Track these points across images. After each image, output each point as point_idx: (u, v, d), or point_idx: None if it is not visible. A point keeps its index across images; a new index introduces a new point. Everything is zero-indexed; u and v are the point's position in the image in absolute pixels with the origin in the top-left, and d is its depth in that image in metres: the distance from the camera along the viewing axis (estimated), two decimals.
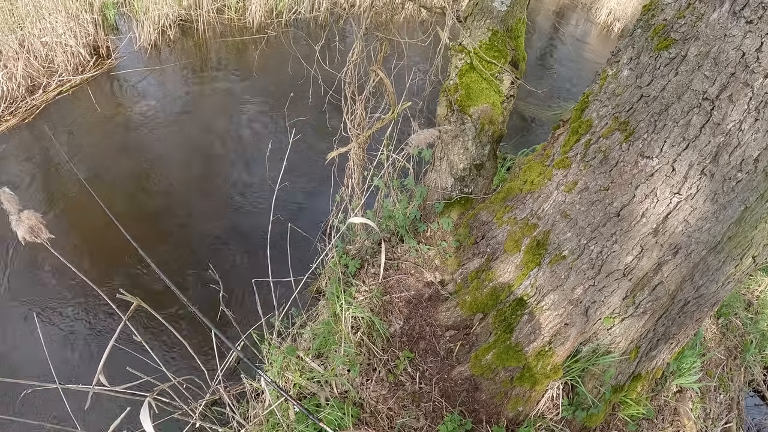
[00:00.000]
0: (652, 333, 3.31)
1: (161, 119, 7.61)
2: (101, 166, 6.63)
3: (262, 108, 7.81)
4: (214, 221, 5.84)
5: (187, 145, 7.09)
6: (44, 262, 5.19)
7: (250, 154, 6.81)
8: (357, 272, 4.02)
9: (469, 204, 4.15)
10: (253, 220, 5.76)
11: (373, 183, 4.12)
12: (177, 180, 6.46)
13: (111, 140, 7.20)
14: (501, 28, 3.77)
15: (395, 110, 4.14)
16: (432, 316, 3.71)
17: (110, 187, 6.35)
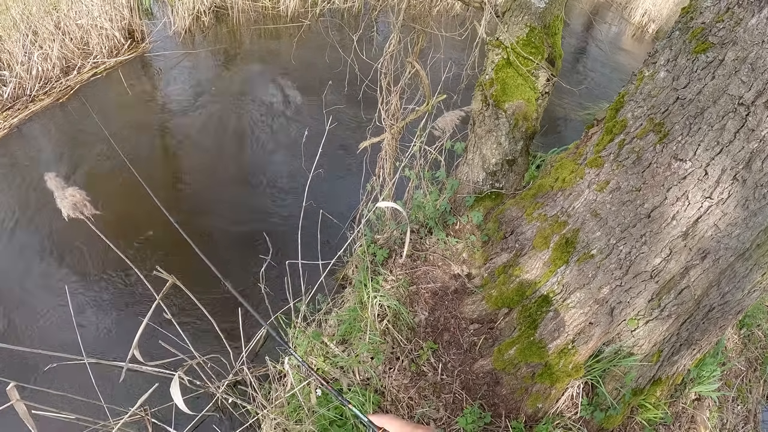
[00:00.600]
0: (676, 337, 3.34)
1: (194, 103, 7.73)
2: (133, 147, 6.76)
3: (297, 95, 7.89)
4: (245, 204, 5.95)
5: (219, 129, 7.20)
6: (78, 239, 5.33)
7: (284, 141, 6.90)
8: (385, 261, 4.08)
9: (500, 199, 4.18)
10: (285, 204, 5.86)
11: (405, 174, 4.18)
12: (208, 163, 6.57)
13: (143, 122, 7.33)
14: (539, 25, 3.79)
15: (430, 102, 4.19)
16: (457, 309, 3.76)
17: (142, 168, 6.48)
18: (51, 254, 5.24)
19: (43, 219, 5.62)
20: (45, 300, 4.84)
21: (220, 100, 7.81)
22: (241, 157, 6.69)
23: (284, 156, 6.62)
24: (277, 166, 6.47)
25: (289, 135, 6.96)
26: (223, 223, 5.63)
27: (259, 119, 7.37)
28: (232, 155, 6.72)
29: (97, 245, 5.29)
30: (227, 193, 6.09)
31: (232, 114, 7.50)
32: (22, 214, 5.78)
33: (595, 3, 12.83)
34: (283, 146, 6.80)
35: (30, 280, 5.03)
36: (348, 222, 4.61)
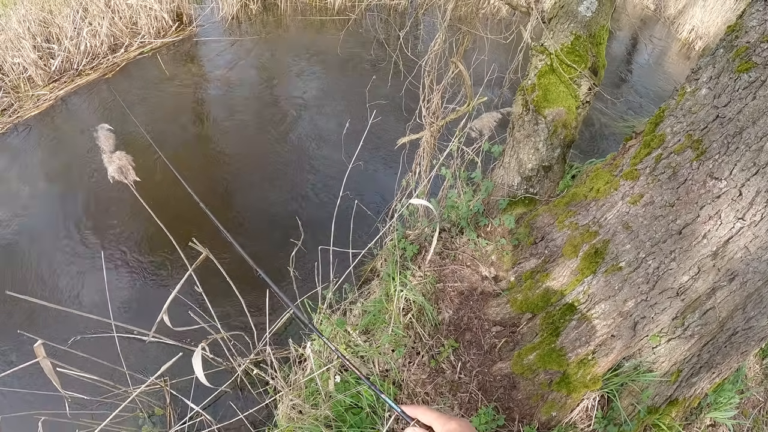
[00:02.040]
0: (696, 358, 3.35)
1: (237, 89, 7.91)
2: (173, 126, 6.95)
3: (341, 87, 8.02)
4: (282, 188, 6.09)
5: (261, 115, 7.36)
6: (118, 207, 5.51)
7: (326, 131, 7.04)
8: (414, 257, 4.16)
9: (533, 204, 4.23)
10: (322, 192, 6.01)
11: (441, 172, 4.26)
12: (248, 146, 6.74)
13: (185, 103, 7.52)
14: (584, 33, 3.84)
15: (471, 103, 4.26)
16: (481, 310, 3.82)
17: (180, 148, 6.66)
18: (90, 218, 5.43)
19: (85, 185, 5.82)
20: (80, 262, 5.03)
21: (263, 87, 7.97)
22: (282, 143, 6.85)
23: (325, 145, 6.76)
24: (318, 155, 6.62)
25: (331, 126, 7.09)
26: (260, 204, 5.80)
27: (301, 109, 7.51)
28: (273, 140, 6.88)
29: (134, 214, 5.47)
30: (266, 177, 6.25)
31: (274, 101, 7.66)
32: (65, 179, 5.99)
33: (643, 15, 12.76)
34: (324, 136, 6.93)
35: (68, 242, 5.23)
36: (381, 215, 4.70)
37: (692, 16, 11.93)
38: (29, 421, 3.04)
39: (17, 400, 3.35)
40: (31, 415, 3.05)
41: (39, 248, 5.33)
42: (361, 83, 7.50)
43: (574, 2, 3.87)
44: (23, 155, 6.59)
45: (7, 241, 5.40)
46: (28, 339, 2.84)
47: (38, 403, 3.21)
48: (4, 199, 5.94)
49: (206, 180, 6.31)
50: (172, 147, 6.74)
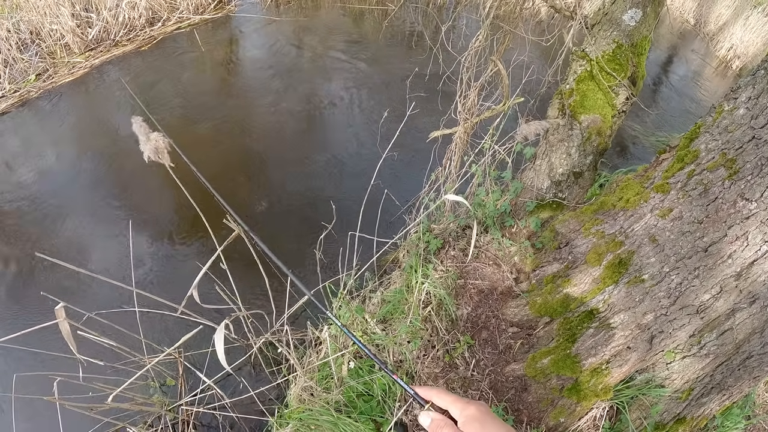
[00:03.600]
0: (709, 378, 3.38)
1: (273, 69, 8.03)
2: (206, 102, 7.09)
3: (380, 76, 8.10)
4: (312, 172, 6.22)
5: (296, 97, 7.47)
6: (145, 178, 5.66)
7: (361, 118, 7.15)
8: (437, 251, 4.24)
9: (560, 209, 4.28)
10: (352, 178, 6.15)
11: (471, 169, 4.34)
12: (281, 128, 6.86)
13: (220, 80, 7.66)
14: (626, 43, 3.89)
15: (507, 103, 4.33)
16: (500, 310, 3.90)
17: (212, 123, 6.80)
18: (116, 187, 5.59)
19: (113, 154, 5.98)
20: (105, 228, 5.18)
21: (300, 69, 8.08)
22: (315, 126, 6.98)
23: (360, 133, 6.87)
24: (351, 141, 6.74)
25: (367, 114, 7.19)
26: (290, 184, 5.93)
27: (337, 94, 7.62)
28: (307, 123, 7.00)
29: (163, 186, 5.62)
30: (297, 158, 6.38)
31: (310, 84, 7.77)
32: (93, 147, 6.14)
33: (682, 29, 12.69)
34: (360, 124, 7.04)
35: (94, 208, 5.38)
36: (407, 206, 4.79)
37: (732, 34, 11.84)
38: (44, 382, 3.16)
39: (34, 360, 3.46)
40: (46, 376, 3.17)
41: (64, 212, 5.49)
42: (398, 74, 7.62)
43: (618, 10, 3.93)
44: (53, 120, 6.75)
45: (33, 204, 5.57)
46: (51, 302, 2.96)
47: (54, 364, 3.33)
48: (31, 162, 6.11)
49: (237, 157, 6.44)
50: (205, 122, 6.87)
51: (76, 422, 3.18)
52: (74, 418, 3.10)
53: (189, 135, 6.55)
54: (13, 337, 2.87)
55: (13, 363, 3.39)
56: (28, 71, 7.41)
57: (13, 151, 6.34)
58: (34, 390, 3.21)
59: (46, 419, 3.23)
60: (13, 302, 4.80)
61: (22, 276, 4.97)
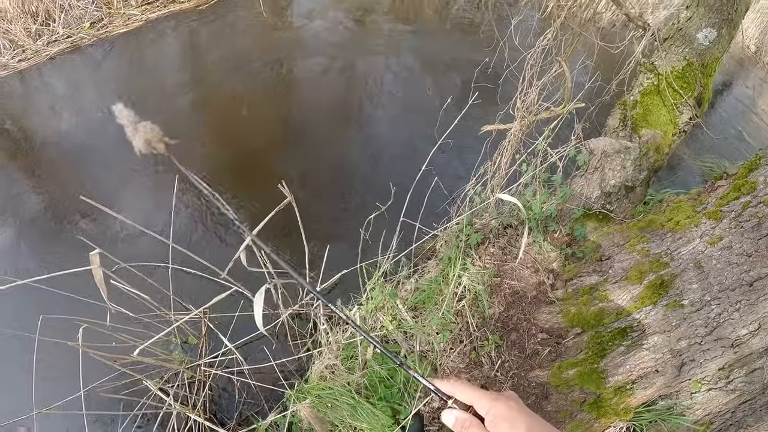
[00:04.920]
0: (730, 415, 3.43)
1: (331, 39, 8.19)
2: (262, 67, 7.28)
3: (443, 61, 8.21)
4: (363, 149, 6.43)
5: (354, 71, 7.63)
6: (192, 136, 5.87)
7: (418, 102, 7.30)
8: (477, 246, 4.38)
9: (606, 221, 4.34)
10: (402, 161, 6.30)
11: (521, 168, 4.45)
12: (337, 100, 7.05)
13: (278, 45, 7.84)
14: (696, 62, 3.95)
15: (566, 106, 4.43)
16: (532, 314, 4.00)
17: (266, 88, 6.99)
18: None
19: (160, 107, 6.18)
20: (147, 182, 5.39)
21: (359, 42, 8.23)
22: (371, 103, 7.13)
23: (415, 116, 7.01)
24: (407, 123, 6.89)
25: (426, 98, 7.32)
26: (339, 160, 6.11)
27: (396, 72, 7.76)
28: (363, 99, 7.17)
29: (212, 147, 5.81)
30: (351, 134, 6.58)
31: (369, 59, 7.92)
32: (140, 100, 6.35)
33: (742, 55, 12.53)
34: (417, 107, 7.17)
35: (142, 166, 5.59)
36: (452, 197, 4.91)
37: None
38: (69, 326, 3.30)
39: (62, 303, 3.62)
40: (72, 320, 3.34)
41: (105, 162, 5.70)
42: (460, 62, 7.73)
43: (693, 27, 4.00)
44: (103, 69, 6.97)
45: (75, 150, 5.79)
46: (86, 248, 3.12)
47: (81, 310, 3.50)
48: (76, 108, 6.32)
49: (284, 126, 6.62)
50: (259, 87, 7.06)
51: (95, 370, 3.32)
52: (93, 366, 3.22)
53: (238, 102, 6.73)
54: (45, 278, 3.03)
55: (41, 304, 3.52)
56: (83, 18, 7.63)
57: (59, 96, 6.57)
58: (58, 334, 3.37)
59: (66, 364, 3.39)
60: (49, 244, 5.02)
61: (61, 219, 5.20)
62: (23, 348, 3.64)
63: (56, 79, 6.80)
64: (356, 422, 3.39)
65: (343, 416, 3.40)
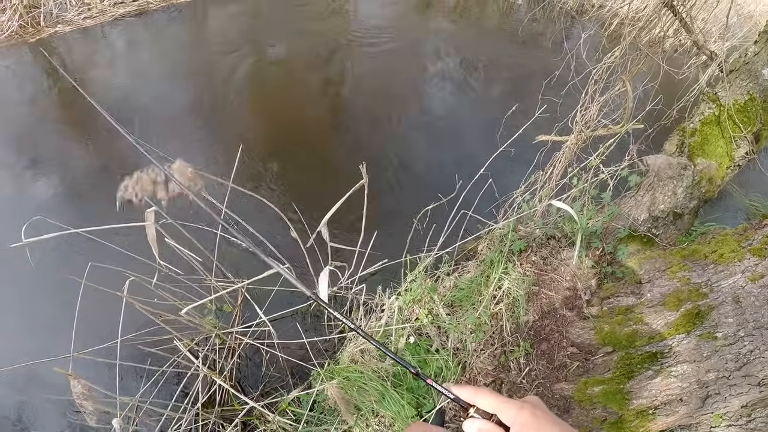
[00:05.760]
0: None
1: (394, 32, 8.41)
2: (305, 47, 7.52)
3: (509, 68, 8.38)
4: (423, 143, 6.70)
5: (418, 69, 7.85)
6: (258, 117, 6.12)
7: (480, 105, 7.52)
8: (519, 253, 4.52)
9: (650, 245, 4.45)
10: (456, 160, 6.45)
11: (572, 182, 4.58)
12: (403, 91, 7.26)
13: (323, 29, 8.08)
14: (759, 97, 4.04)
15: (625, 125, 4.56)
16: (565, 326, 4.12)
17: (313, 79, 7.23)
18: (223, 112, 6.03)
19: (229, 77, 6.42)
20: (209, 152, 5.64)
21: (423, 38, 8.44)
22: (436, 106, 7.34)
23: (479, 120, 7.23)
24: (470, 126, 7.13)
25: (488, 102, 7.49)
26: (405, 150, 6.38)
27: (461, 72, 7.95)
28: (427, 95, 7.41)
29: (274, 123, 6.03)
30: (413, 132, 6.78)
31: (433, 58, 8.12)
32: (201, 69, 6.59)
33: None
34: (481, 110, 7.35)
35: (203, 132, 5.84)
36: (499, 201, 5.05)
37: None
38: (115, 278, 3.49)
39: (111, 255, 3.81)
40: (120, 273, 3.53)
41: (163, 123, 5.96)
42: (526, 71, 7.89)
43: (759, 63, 4.11)
44: (167, 34, 7.22)
45: (130, 110, 6.05)
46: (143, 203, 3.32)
47: (128, 264, 3.69)
48: (135, 71, 6.58)
49: (344, 110, 6.86)
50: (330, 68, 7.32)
51: (130, 323, 3.50)
52: (129, 319, 3.41)
53: (305, 82, 6.96)
54: (102, 228, 3.23)
55: (91, 253, 3.69)
56: None
57: (119, 55, 6.84)
58: (103, 283, 3.57)
59: (106, 311, 3.59)
60: (108, 196, 5.26)
61: (120, 172, 5.46)
62: (69, 292, 3.86)
63: (119, 39, 7.06)
64: (382, 409, 3.54)
65: (370, 401, 3.55)
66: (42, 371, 4.18)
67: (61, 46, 7.43)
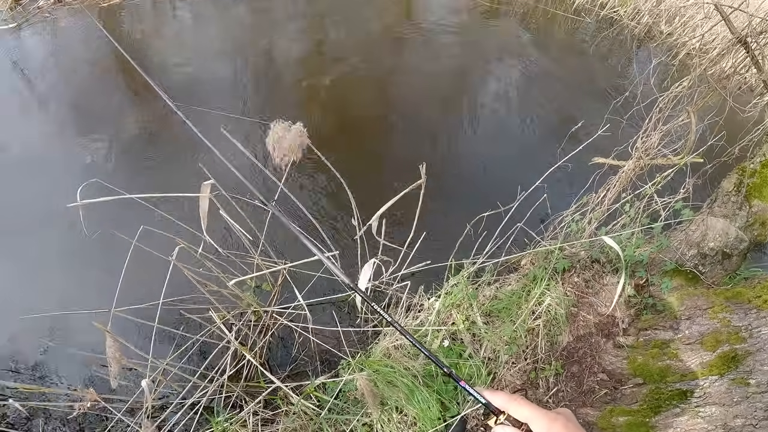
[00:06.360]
0: None
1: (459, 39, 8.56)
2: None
3: (579, 84, 8.47)
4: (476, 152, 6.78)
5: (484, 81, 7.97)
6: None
7: (544, 117, 7.63)
8: (563, 272, 4.61)
9: (694, 282, 4.48)
10: (512, 171, 6.57)
11: (623, 208, 4.66)
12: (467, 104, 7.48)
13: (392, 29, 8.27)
14: None
15: (684, 158, 4.63)
16: (598, 352, 4.19)
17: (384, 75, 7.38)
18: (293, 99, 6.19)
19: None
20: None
21: (491, 56, 8.58)
22: (499, 114, 7.55)
23: (540, 132, 7.36)
24: (530, 138, 7.28)
25: (553, 117, 7.59)
26: (467, 155, 6.53)
27: (523, 85, 8.06)
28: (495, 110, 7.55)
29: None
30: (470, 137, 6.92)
31: (502, 73, 8.27)
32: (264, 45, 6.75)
33: None
34: (543, 123, 7.46)
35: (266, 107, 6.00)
36: (550, 219, 5.13)
37: None
38: (165, 243, 3.64)
39: (163, 221, 3.96)
40: (170, 239, 3.68)
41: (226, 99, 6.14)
42: (592, 90, 7.99)
43: None
44: (231, 12, 7.42)
45: (189, 82, 6.23)
46: (201, 175, 3.46)
47: (177, 232, 3.84)
48: (198, 45, 6.77)
49: (405, 105, 7.04)
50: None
51: (175, 287, 3.65)
52: (175, 283, 3.56)
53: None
54: (161, 196, 3.39)
55: (144, 216, 3.84)
56: None
57: (186, 28, 7.04)
58: (152, 245, 3.73)
59: (151, 274, 3.74)
60: (169, 166, 5.48)
61: (184, 146, 5.68)
62: (117, 251, 4.01)
63: (185, 12, 7.26)
64: (409, 406, 3.66)
65: (398, 397, 3.67)
66: (73, 324, 4.37)
67: (130, 14, 7.68)
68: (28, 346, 4.53)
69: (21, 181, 5.80)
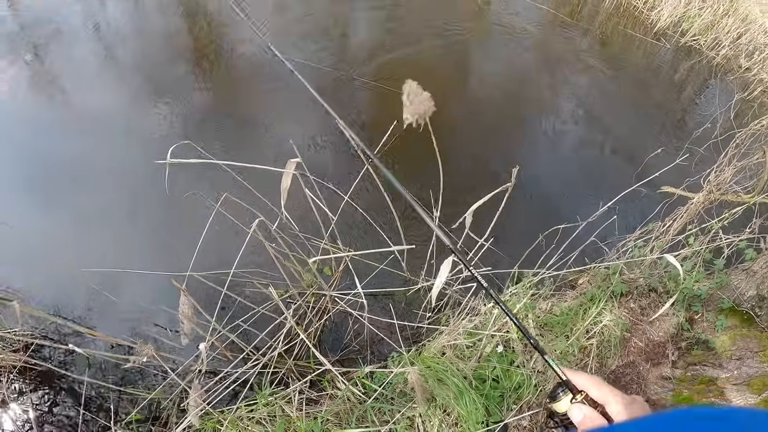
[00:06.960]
0: None
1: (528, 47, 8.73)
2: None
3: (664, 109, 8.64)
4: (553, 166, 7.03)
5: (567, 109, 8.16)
6: None
7: (627, 139, 7.78)
8: (619, 296, 4.77)
9: (749, 324, 4.55)
10: (585, 187, 6.82)
11: (687, 240, 4.79)
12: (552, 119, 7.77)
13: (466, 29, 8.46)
14: None
15: (756, 197, 4.74)
16: (644, 380, 4.31)
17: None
18: None
19: None
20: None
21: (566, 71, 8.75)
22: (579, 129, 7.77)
23: (621, 151, 7.53)
24: (609, 158, 7.47)
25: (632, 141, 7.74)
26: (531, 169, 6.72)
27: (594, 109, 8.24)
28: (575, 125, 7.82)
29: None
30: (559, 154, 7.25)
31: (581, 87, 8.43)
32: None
33: None
34: (624, 145, 7.62)
35: None
36: (615, 246, 5.27)
37: None
38: (244, 214, 3.90)
39: (244, 192, 4.17)
40: (248, 211, 3.89)
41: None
42: (671, 119, 8.12)
43: None
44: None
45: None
46: (288, 151, 3.65)
47: (257, 206, 4.05)
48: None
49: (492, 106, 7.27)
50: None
51: (246, 256, 3.85)
52: (235, 255, 3.71)
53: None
54: (247, 166, 3.59)
55: (228, 185, 4.04)
56: None
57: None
58: (232, 213, 3.96)
59: (227, 241, 3.96)
60: (266, 139, 5.78)
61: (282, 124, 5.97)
62: (199, 215, 4.21)
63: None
64: (457, 406, 3.84)
65: (447, 396, 3.86)
66: (136, 281, 4.62)
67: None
68: (90, 299, 4.81)
69: (103, 140, 6.09)
